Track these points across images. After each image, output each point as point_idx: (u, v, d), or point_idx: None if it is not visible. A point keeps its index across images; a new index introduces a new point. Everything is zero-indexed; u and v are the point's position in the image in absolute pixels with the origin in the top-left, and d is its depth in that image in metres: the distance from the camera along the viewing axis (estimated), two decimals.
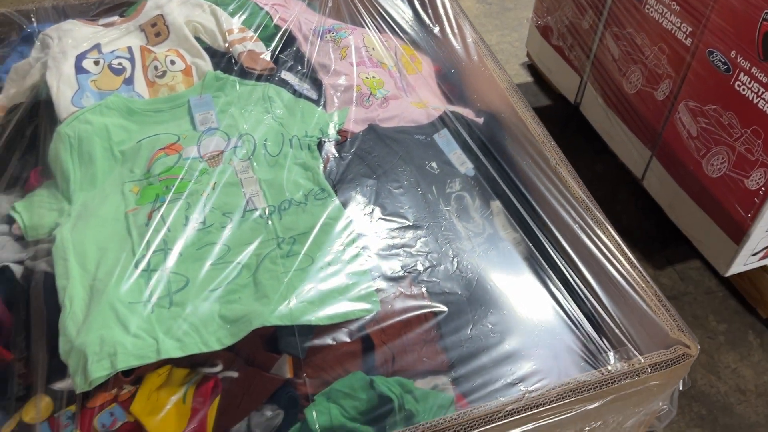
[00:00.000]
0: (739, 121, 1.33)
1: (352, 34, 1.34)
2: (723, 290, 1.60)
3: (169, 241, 0.91)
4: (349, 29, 1.37)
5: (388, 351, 0.88)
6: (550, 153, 1.12)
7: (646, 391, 0.88)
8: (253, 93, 1.16)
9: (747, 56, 1.28)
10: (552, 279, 0.99)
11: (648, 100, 1.59)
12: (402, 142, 1.14)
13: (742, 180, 1.35)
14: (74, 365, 0.79)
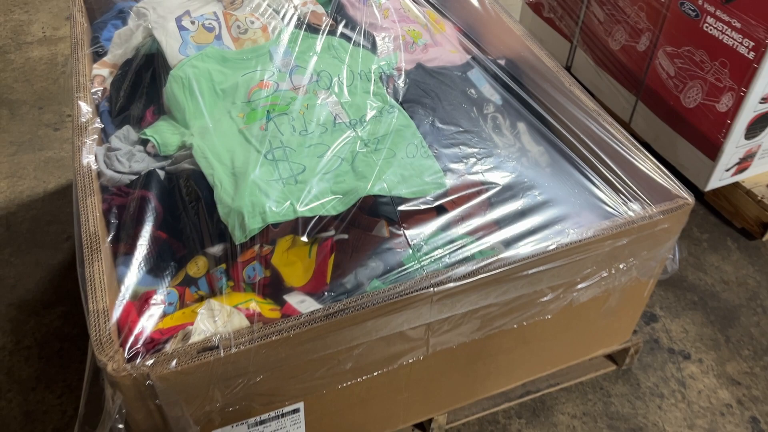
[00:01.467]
0: (709, 57, 1.63)
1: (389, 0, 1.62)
2: (703, 208, 1.90)
3: (284, 142, 1.17)
4: None
5: (458, 214, 1.14)
6: (564, 78, 1.41)
7: (657, 236, 1.15)
8: (321, 43, 1.42)
9: (712, 2, 1.59)
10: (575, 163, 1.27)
11: (631, 53, 1.90)
12: (445, 75, 1.42)
13: (714, 105, 1.65)
14: (233, 223, 1.04)
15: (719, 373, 1.50)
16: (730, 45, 1.56)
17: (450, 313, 1.05)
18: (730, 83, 1.59)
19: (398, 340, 1.06)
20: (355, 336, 1.00)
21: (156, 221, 1.12)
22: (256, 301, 1.03)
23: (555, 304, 1.16)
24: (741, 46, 1.53)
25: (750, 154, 1.72)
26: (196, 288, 1.07)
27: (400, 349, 1.07)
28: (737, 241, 1.81)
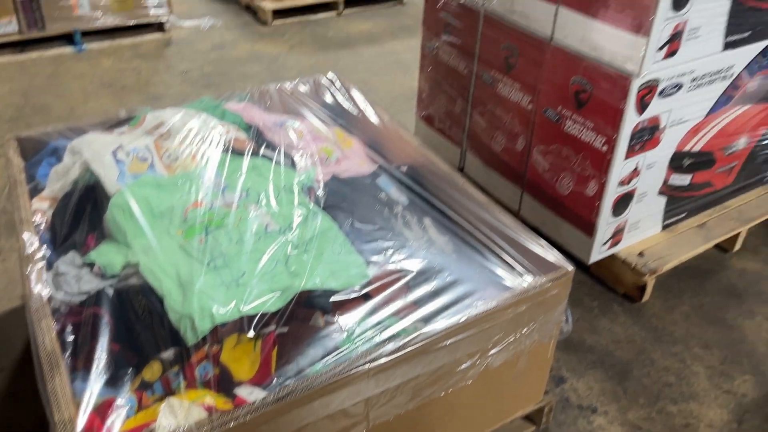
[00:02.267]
0: (573, 152, 1.96)
1: (302, 122, 1.86)
2: (590, 279, 2.17)
3: (224, 251, 1.32)
4: (298, 119, 1.88)
5: (382, 299, 1.32)
6: (458, 178, 1.66)
7: (549, 301, 1.37)
8: (246, 164, 1.62)
9: (568, 108, 1.93)
10: (476, 248, 1.50)
11: (512, 153, 2.22)
12: (358, 183, 1.64)
13: (583, 191, 1.96)
14: (185, 327, 1.16)
15: (623, 421, 1.70)
16: (587, 141, 1.90)
17: (385, 386, 1.20)
18: (592, 172, 1.91)
19: (342, 417, 1.19)
20: (304, 416, 1.13)
21: (109, 334, 1.22)
22: (211, 396, 1.14)
23: (473, 370, 1.33)
24: (596, 141, 1.87)
25: (619, 229, 2.03)
26: (152, 392, 1.17)
27: (344, 425, 1.20)
28: (622, 305, 2.08)
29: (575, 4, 1.82)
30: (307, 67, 3.59)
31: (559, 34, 1.91)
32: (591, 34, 1.80)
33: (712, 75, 1.88)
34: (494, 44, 2.14)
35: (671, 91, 1.81)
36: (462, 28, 2.26)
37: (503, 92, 2.17)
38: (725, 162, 2.16)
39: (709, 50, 1.82)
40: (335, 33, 4.06)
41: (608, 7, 1.73)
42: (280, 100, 2.00)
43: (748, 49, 1.91)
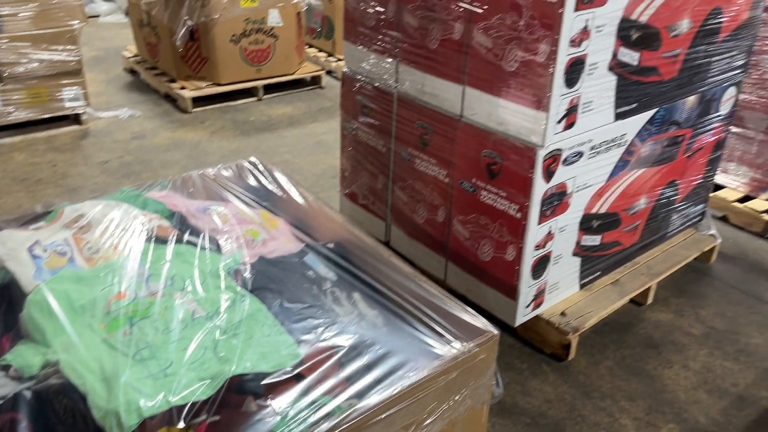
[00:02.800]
0: (491, 220, 2.06)
1: (226, 207, 1.88)
2: (519, 342, 2.23)
3: (150, 342, 1.30)
4: (222, 204, 1.90)
5: (315, 378, 1.32)
6: (383, 252, 1.71)
7: (478, 366, 1.41)
8: (170, 251, 1.61)
9: (482, 179, 2.04)
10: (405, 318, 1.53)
11: (434, 224, 2.30)
12: (285, 263, 1.66)
13: (503, 256, 2.05)
14: (110, 424, 1.12)
15: None
16: (503, 210, 2.00)
17: None
18: (510, 238, 2.01)
19: None
20: None
21: None
22: None
23: None
24: (510, 209, 1.97)
25: (540, 291, 2.12)
26: None
27: None
28: (550, 364, 2.14)
29: (480, 84, 1.96)
30: (229, 151, 3.62)
31: (467, 111, 2.04)
32: (497, 111, 1.94)
33: (607, 143, 2.04)
34: (409, 123, 2.26)
35: (573, 159, 1.95)
36: (378, 110, 2.38)
37: (421, 167, 2.27)
38: (630, 221, 2.32)
39: (603, 121, 1.99)
40: (257, 117, 4.14)
41: (510, 86, 1.87)
42: (203, 185, 2.02)
43: (637, 119, 2.10)
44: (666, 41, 2.03)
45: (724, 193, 3.06)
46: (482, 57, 1.92)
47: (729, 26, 2.23)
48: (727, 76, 2.37)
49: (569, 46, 1.75)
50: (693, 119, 2.33)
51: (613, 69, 1.91)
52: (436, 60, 2.08)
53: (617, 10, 1.82)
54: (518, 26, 1.79)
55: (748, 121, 2.94)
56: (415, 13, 2.10)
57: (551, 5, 1.69)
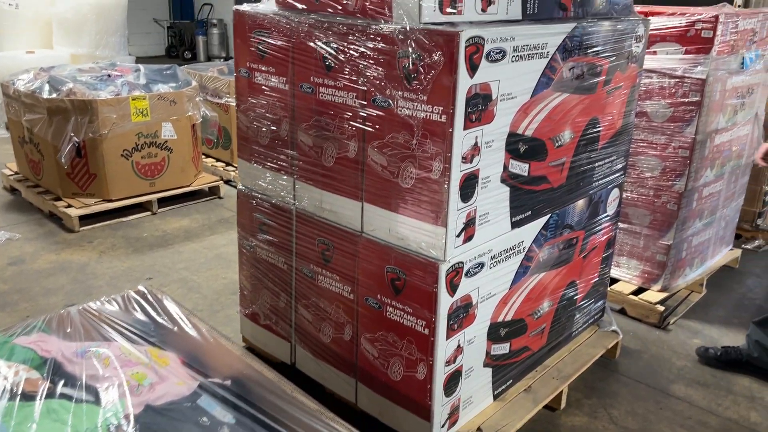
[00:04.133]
0: (399, 337, 1.99)
1: (108, 347, 1.70)
2: None
3: None
4: (103, 345, 1.71)
5: None
6: (286, 386, 1.58)
7: None
8: (39, 409, 1.41)
9: (387, 295, 1.98)
10: None
11: (341, 343, 2.19)
12: (175, 410, 1.49)
13: (414, 375, 1.97)
14: None
15: None
16: (410, 326, 1.94)
17: None
18: (419, 355, 1.94)
19: None
20: None
21: None
22: None
23: None
24: (417, 325, 1.92)
25: (455, 408, 2.04)
26: None
27: None
28: None
29: (378, 201, 1.94)
30: (120, 272, 3.40)
31: (367, 227, 2.01)
32: (396, 227, 1.91)
33: (507, 251, 2.06)
34: (309, 240, 2.19)
35: (475, 270, 1.94)
36: (277, 227, 2.30)
37: (324, 284, 2.19)
38: (536, 326, 2.32)
39: (500, 230, 2.01)
40: (150, 233, 3.95)
41: (407, 203, 1.86)
42: (84, 323, 1.83)
43: (532, 226, 2.14)
44: (552, 151, 2.12)
45: (619, 286, 3.17)
46: (378, 174, 1.92)
47: (607, 134, 2.37)
48: (610, 179, 2.51)
49: (461, 162, 1.77)
50: (584, 221, 2.42)
51: (505, 181, 1.96)
52: (333, 177, 2.06)
53: (504, 126, 1.88)
54: (411, 145, 1.80)
55: (632, 217, 3.11)
56: (309, 131, 2.08)
57: (441, 125, 1.72)
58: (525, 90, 1.92)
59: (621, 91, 2.38)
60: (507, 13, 1.89)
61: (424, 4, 1.69)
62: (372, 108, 1.87)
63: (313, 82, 2.02)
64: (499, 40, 1.76)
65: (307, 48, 2.00)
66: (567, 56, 2.04)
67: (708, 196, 3.15)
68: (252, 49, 2.19)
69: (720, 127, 3.02)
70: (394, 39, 1.75)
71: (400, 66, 1.77)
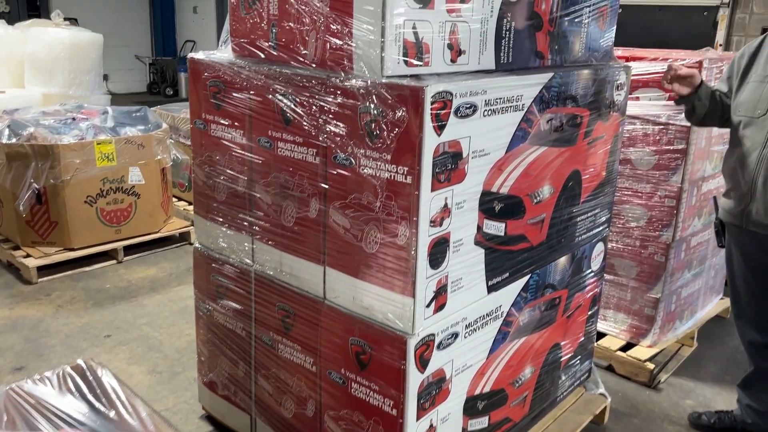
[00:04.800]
0: (365, 417, 1.80)
1: None
2: None
3: None
4: None
5: None
6: None
7: None
8: None
9: (351, 370, 1.80)
10: None
11: (303, 419, 2.00)
12: None
13: None
14: None
15: None
16: (376, 405, 1.75)
17: None
18: None
19: None
20: None
21: None
22: None
23: None
24: (384, 404, 1.73)
25: None
26: None
27: None
28: None
29: (341, 266, 1.78)
30: (76, 329, 3.18)
31: (330, 294, 1.83)
32: (361, 295, 1.74)
33: (483, 318, 1.89)
34: (269, 305, 2.02)
35: (449, 342, 1.77)
36: (235, 290, 2.12)
37: (285, 354, 2.01)
38: (517, 394, 2.14)
39: (476, 296, 1.84)
40: (114, 284, 3.74)
41: (372, 269, 1.70)
42: (7, 407, 1.63)
43: (511, 288, 1.98)
44: (530, 208, 1.97)
45: (606, 341, 3.00)
46: (341, 237, 1.75)
47: (589, 187, 2.23)
48: (594, 233, 2.36)
49: (430, 226, 1.61)
50: (567, 279, 2.26)
51: (480, 242, 1.80)
52: (293, 238, 1.89)
53: (477, 185, 1.73)
54: (375, 207, 1.64)
55: (618, 268, 2.96)
56: (268, 189, 1.92)
57: (406, 186, 1.57)
58: (499, 146, 1.78)
59: (603, 141, 2.25)
60: (479, 63, 1.76)
61: (387, 55, 1.55)
62: (333, 166, 1.72)
63: (271, 136, 1.87)
64: (469, 94, 1.62)
65: (264, 100, 1.85)
66: (544, 108, 1.90)
67: (696, 246, 3.01)
68: (208, 99, 2.04)
69: (707, 174, 2.90)
70: (356, 94, 1.61)
71: (362, 122, 1.62)
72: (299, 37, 1.73)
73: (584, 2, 2.09)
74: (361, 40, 1.58)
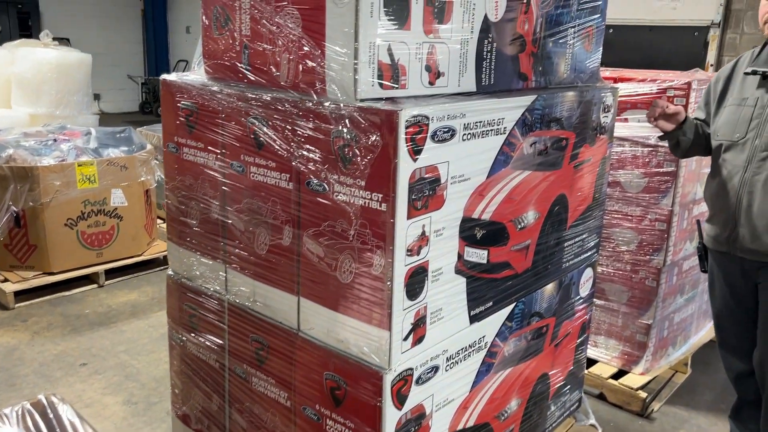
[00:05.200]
0: None
1: None
2: None
3: None
4: None
5: None
6: None
7: None
8: None
9: (326, 406, 1.71)
10: None
11: None
12: None
13: None
14: None
15: None
16: None
17: None
18: None
19: None
20: None
21: None
22: None
23: None
24: None
25: None
26: None
27: None
28: None
29: (315, 296, 1.70)
30: (51, 358, 3.08)
31: (304, 326, 1.75)
32: (335, 327, 1.66)
33: (466, 349, 1.81)
34: (243, 336, 1.93)
35: (428, 375, 1.68)
36: (208, 320, 2.04)
37: (259, 388, 1.91)
38: (503, 428, 2.06)
39: (457, 327, 1.76)
40: (93, 309, 3.65)
41: (347, 300, 1.62)
42: None
43: (495, 317, 1.90)
44: (514, 235, 1.90)
45: (597, 368, 2.92)
46: (315, 266, 1.67)
47: (576, 211, 2.17)
48: (582, 258, 2.29)
49: (406, 255, 1.54)
50: (555, 307, 2.19)
51: (461, 271, 1.73)
52: (266, 267, 1.81)
53: (457, 212, 1.66)
54: (349, 235, 1.57)
55: (609, 293, 2.88)
56: (241, 215, 1.85)
57: (381, 214, 1.50)
58: (480, 170, 1.71)
59: (590, 164, 2.19)
60: (459, 85, 1.70)
61: (361, 78, 1.48)
62: (306, 192, 1.64)
63: (243, 160, 1.80)
64: (446, 117, 1.55)
65: (237, 123, 1.78)
66: (527, 131, 1.84)
67: (689, 270, 2.94)
68: (180, 122, 1.97)
69: (697, 197, 2.84)
70: (329, 117, 1.54)
71: (335, 147, 1.55)
72: (272, 59, 1.67)
73: (569, 23, 2.04)
74: (334, 62, 1.52)
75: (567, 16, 2.03)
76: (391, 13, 1.50)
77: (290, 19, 1.59)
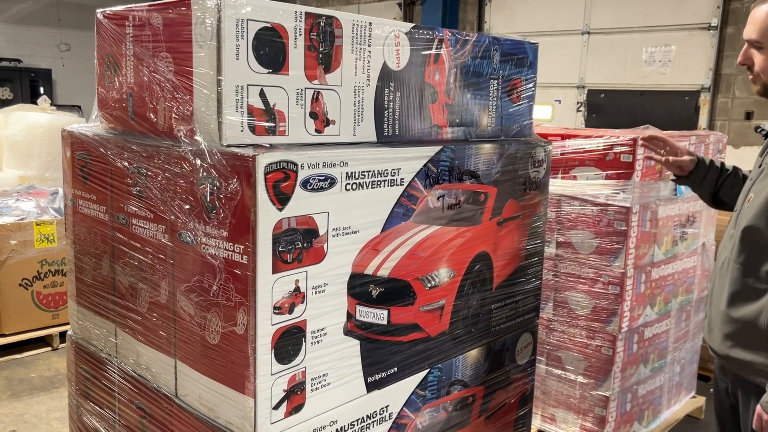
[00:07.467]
0: None
1: None
2: None
3: None
4: None
5: None
6: None
7: None
8: None
9: None
10: None
11: None
12: None
13: None
14: None
15: None
16: None
17: None
18: None
19: None
20: None
21: None
22: None
23: None
24: None
25: None
26: None
27: None
28: None
29: (188, 359, 1.56)
30: None
31: (181, 391, 1.60)
32: (207, 394, 1.51)
33: (364, 420, 1.64)
34: (129, 405, 1.78)
35: None
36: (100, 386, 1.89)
37: None
38: None
39: (351, 395, 1.60)
40: (40, 373, 3.51)
41: (214, 363, 1.48)
42: None
43: (402, 385, 1.74)
44: (423, 294, 1.75)
45: None
46: (187, 326, 1.54)
47: (504, 271, 2.02)
48: (517, 322, 2.12)
49: (274, 313, 1.40)
50: (482, 375, 2.01)
51: (353, 332, 1.58)
52: (147, 327, 1.68)
53: (343, 266, 1.53)
54: (214, 291, 1.44)
55: (565, 362, 2.68)
56: (126, 270, 1.74)
57: (242, 267, 1.37)
58: (372, 223, 1.59)
59: (518, 221, 2.05)
60: (355, 134, 1.61)
61: (227, 122, 1.39)
62: (178, 244, 1.53)
63: (126, 212, 1.70)
64: (321, 165, 1.45)
65: (120, 173, 1.70)
66: (432, 183, 1.73)
67: (652, 338, 2.74)
68: (76, 173, 1.89)
69: (657, 259, 2.67)
70: (194, 164, 1.45)
71: (201, 196, 1.45)
72: (151, 105, 1.60)
73: (491, 74, 1.96)
74: (202, 106, 1.44)
75: (488, 67, 1.94)
76: (264, 57, 1.42)
77: (164, 63, 1.53)
